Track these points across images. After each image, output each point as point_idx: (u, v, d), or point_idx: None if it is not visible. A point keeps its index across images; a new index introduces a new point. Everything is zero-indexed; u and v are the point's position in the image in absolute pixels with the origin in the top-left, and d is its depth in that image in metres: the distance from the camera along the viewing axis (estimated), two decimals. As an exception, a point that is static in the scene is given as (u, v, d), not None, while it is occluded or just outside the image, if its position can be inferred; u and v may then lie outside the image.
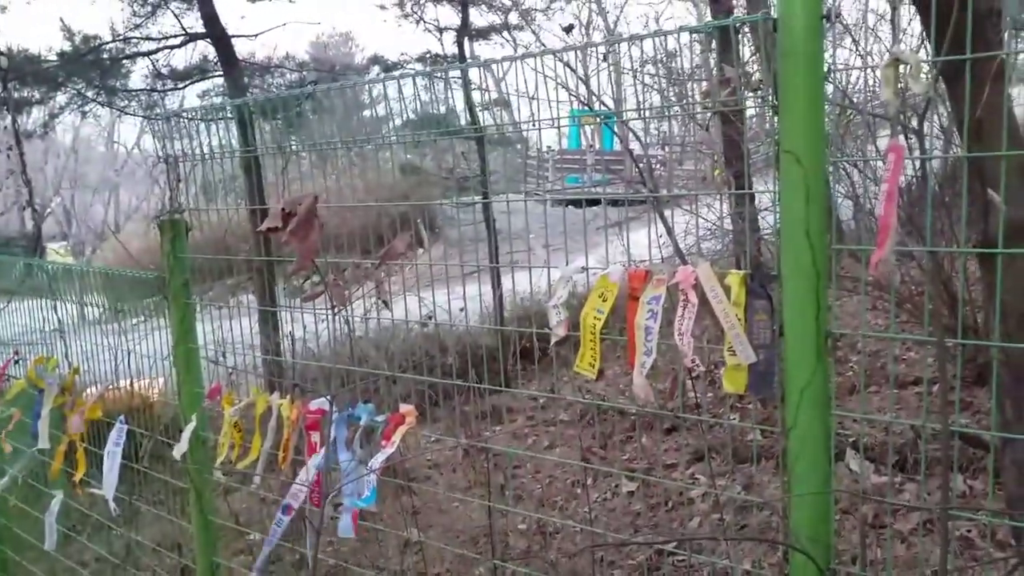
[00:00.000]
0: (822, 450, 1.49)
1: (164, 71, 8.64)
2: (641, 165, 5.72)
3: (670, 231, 5.18)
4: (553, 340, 1.70)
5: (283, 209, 1.71)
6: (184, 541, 3.76)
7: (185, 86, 8.50)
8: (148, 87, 8.33)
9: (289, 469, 2.38)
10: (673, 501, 3.53)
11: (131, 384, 3.19)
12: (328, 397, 2.25)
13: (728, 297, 1.51)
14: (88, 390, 3.37)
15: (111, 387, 3.32)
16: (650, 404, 1.62)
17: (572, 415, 6.27)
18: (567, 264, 1.77)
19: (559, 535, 3.54)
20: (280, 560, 3.64)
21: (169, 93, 8.90)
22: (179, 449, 2.55)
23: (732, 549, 2.85)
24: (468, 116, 9.34)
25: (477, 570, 3.48)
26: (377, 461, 2.05)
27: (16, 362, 3.61)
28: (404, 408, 2.10)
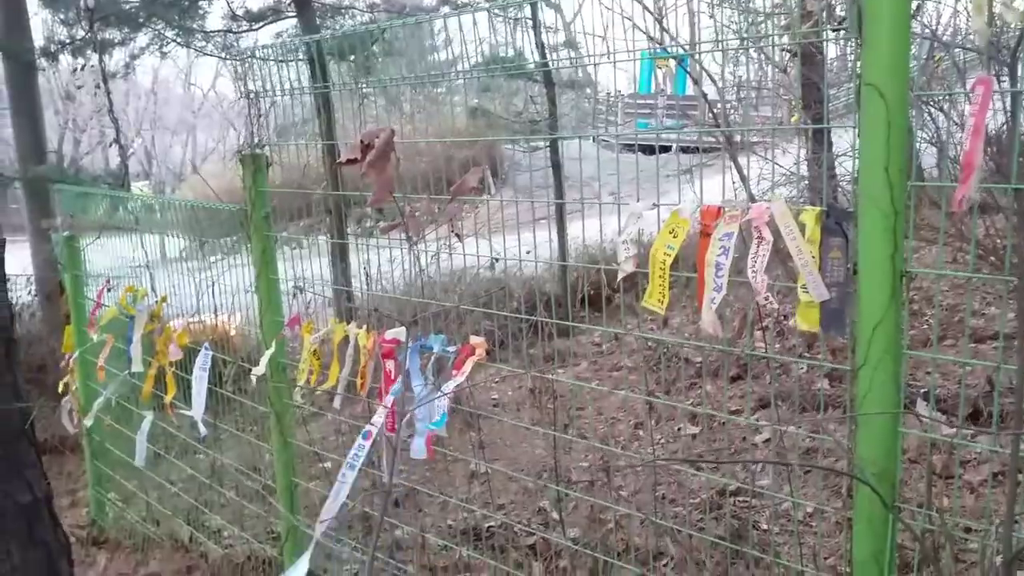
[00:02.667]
0: (892, 388, 1.49)
1: (239, 12, 8.78)
2: (716, 109, 5.58)
3: (744, 177, 5.09)
4: (620, 275, 1.72)
5: (361, 141, 1.76)
6: (262, 464, 3.98)
7: (260, 27, 8.62)
8: (224, 28, 8.49)
9: (365, 395, 2.49)
10: (736, 446, 3.55)
11: (215, 316, 3.36)
12: (403, 327, 2.34)
13: (803, 235, 1.51)
14: (172, 322, 3.55)
15: (194, 319, 3.50)
16: (718, 340, 1.64)
17: (635, 362, 6.30)
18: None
19: (621, 473, 3.61)
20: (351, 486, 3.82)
21: (244, 34, 9.05)
22: (257, 371, 2.68)
23: (796, 491, 2.87)
24: (538, 58, 9.24)
25: (541, 502, 3.58)
26: (448, 388, 2.13)
27: (108, 290, 3.82)
28: (475, 340, 2.17)
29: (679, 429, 4.00)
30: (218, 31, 8.58)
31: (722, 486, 2.99)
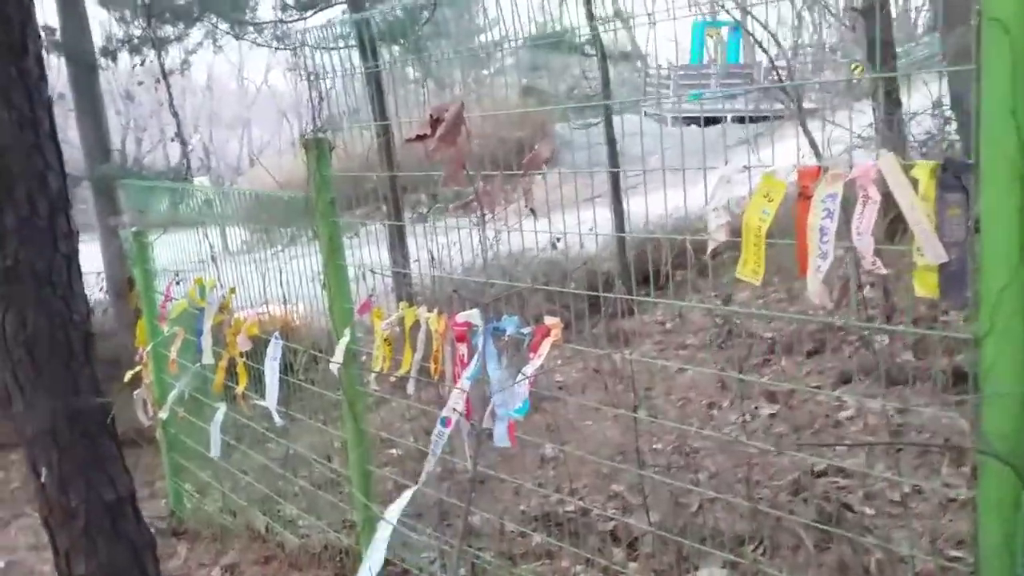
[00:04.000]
0: (1021, 357, 1.36)
1: (290, 1, 8.82)
2: (781, 72, 5.36)
3: (813, 142, 4.87)
4: (711, 247, 1.61)
5: (430, 116, 1.69)
6: (333, 451, 3.99)
7: (310, 15, 8.65)
8: (276, 19, 8.55)
9: (439, 381, 2.44)
10: (820, 424, 3.40)
11: (282, 305, 3.35)
12: (475, 309, 2.27)
13: (915, 192, 1.38)
14: (239, 312, 3.57)
15: (262, 310, 3.51)
16: (826, 310, 1.52)
17: (702, 339, 6.14)
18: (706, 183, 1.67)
19: (699, 454, 3.50)
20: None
21: (294, 23, 9.10)
22: (335, 363, 2.65)
23: (890, 470, 2.72)
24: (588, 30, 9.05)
25: (615, 486, 3.50)
26: (527, 372, 2.05)
27: (177, 283, 3.86)
28: (549, 320, 2.08)
29: (756, 408, 3.86)
30: (269, 21, 8.64)
31: (810, 466, 2.86)
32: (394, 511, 2.24)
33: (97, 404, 1.79)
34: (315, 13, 8.87)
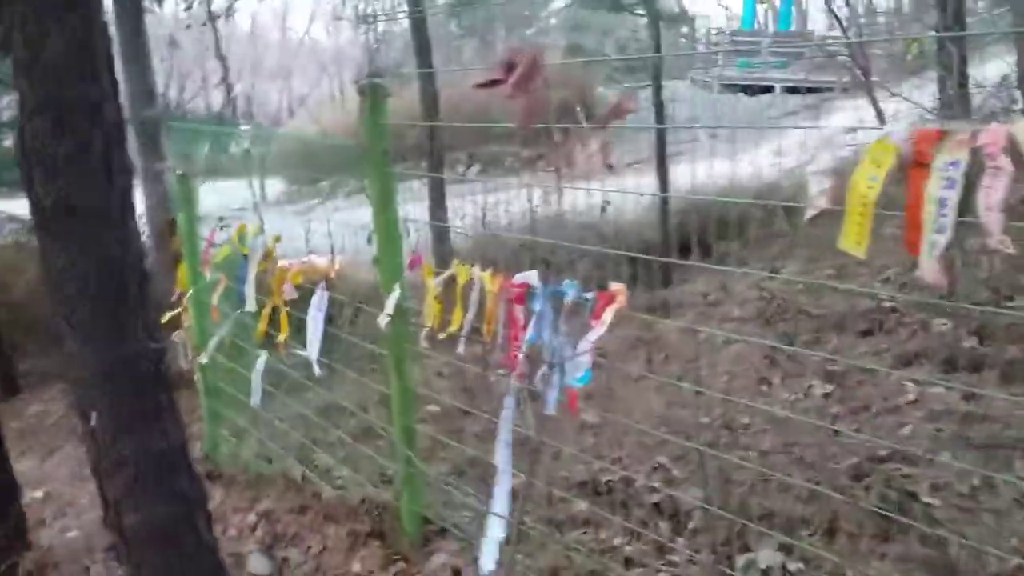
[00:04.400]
0: None
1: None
2: (847, 39, 5.12)
3: (880, 112, 4.66)
4: (809, 214, 1.49)
5: (504, 61, 1.57)
6: (372, 404, 3.95)
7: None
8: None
9: (492, 341, 2.35)
10: (877, 408, 3.27)
11: (330, 255, 3.28)
12: (533, 270, 2.17)
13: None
14: (283, 262, 3.50)
15: (305, 260, 3.44)
16: (941, 290, 1.39)
17: (747, 312, 5.99)
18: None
19: (749, 430, 3.39)
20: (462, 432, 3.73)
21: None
22: (384, 318, 2.57)
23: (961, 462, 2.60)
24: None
25: (659, 457, 3.41)
26: (589, 340, 1.95)
27: (221, 228, 3.80)
28: (615, 286, 1.97)
29: (809, 386, 3.73)
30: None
31: (872, 451, 2.74)
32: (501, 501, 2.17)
33: (151, 349, 1.71)
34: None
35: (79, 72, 1.49)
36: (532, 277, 2.17)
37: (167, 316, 4.93)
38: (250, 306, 3.48)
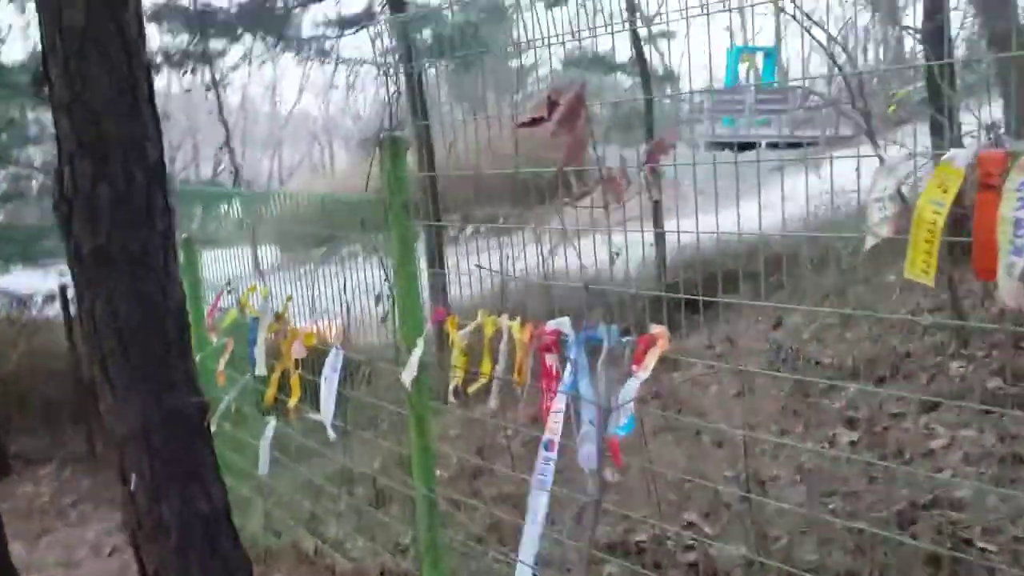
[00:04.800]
0: None
1: (332, 18, 8.83)
2: (851, 82, 5.17)
3: (881, 159, 4.69)
4: (870, 242, 1.43)
5: (548, 98, 1.53)
6: (389, 468, 3.81)
7: (353, 32, 8.66)
8: (319, 35, 8.55)
9: (523, 393, 2.26)
10: (910, 452, 3.18)
11: (342, 314, 3.21)
12: (566, 317, 2.10)
13: None
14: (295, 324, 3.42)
15: (318, 322, 3.37)
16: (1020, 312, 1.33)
17: (757, 364, 5.91)
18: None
19: (778, 482, 3.28)
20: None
21: (334, 40, 9.11)
22: (408, 375, 2.48)
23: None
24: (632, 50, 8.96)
25: (687, 514, 3.28)
26: (632, 387, 1.87)
27: (228, 292, 3.73)
28: (656, 329, 1.91)
29: (833, 435, 3.64)
30: (313, 37, 8.65)
31: (913, 498, 2.64)
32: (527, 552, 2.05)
33: (194, 403, 1.60)
34: (358, 30, 8.88)
35: (121, 110, 1.43)
36: (564, 324, 2.11)
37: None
38: (260, 369, 3.38)
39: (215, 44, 8.22)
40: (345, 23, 9.12)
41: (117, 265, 1.49)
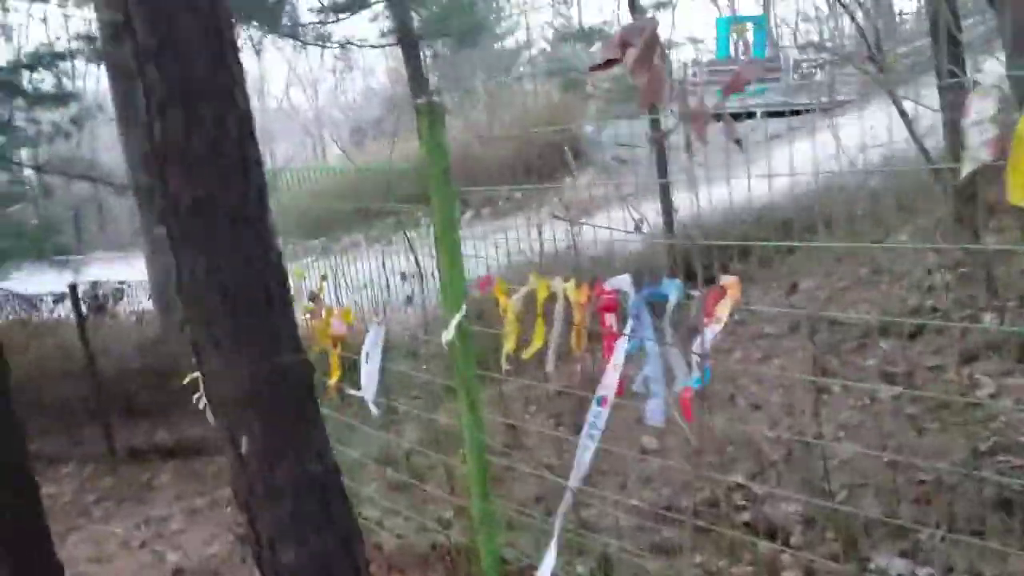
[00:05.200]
0: None
1: (326, 3, 8.72)
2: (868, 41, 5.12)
3: (904, 113, 4.63)
4: (967, 168, 1.38)
5: (621, 39, 1.48)
6: (423, 442, 3.78)
7: (348, 16, 8.56)
8: (317, 20, 8.46)
9: (582, 356, 2.23)
10: (957, 404, 3.15)
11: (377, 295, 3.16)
12: (626, 275, 2.06)
13: None
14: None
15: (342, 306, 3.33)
16: None
17: (779, 328, 5.89)
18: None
19: (824, 439, 3.26)
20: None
21: (331, 25, 9.01)
22: (446, 336, 2.45)
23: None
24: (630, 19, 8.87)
25: (733, 476, 3.26)
26: (707, 340, 1.83)
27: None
28: (726, 280, 1.87)
29: (874, 391, 3.61)
30: (312, 23, 8.56)
31: (973, 447, 2.62)
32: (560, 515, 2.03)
33: (302, 360, 1.55)
34: (354, 13, 8.77)
35: (210, 57, 1.37)
36: (624, 282, 2.07)
37: (188, 378, 4.78)
38: (295, 351, 3.33)
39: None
40: (339, 8, 9.02)
41: (217, 219, 1.44)
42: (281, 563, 1.49)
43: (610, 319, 2.12)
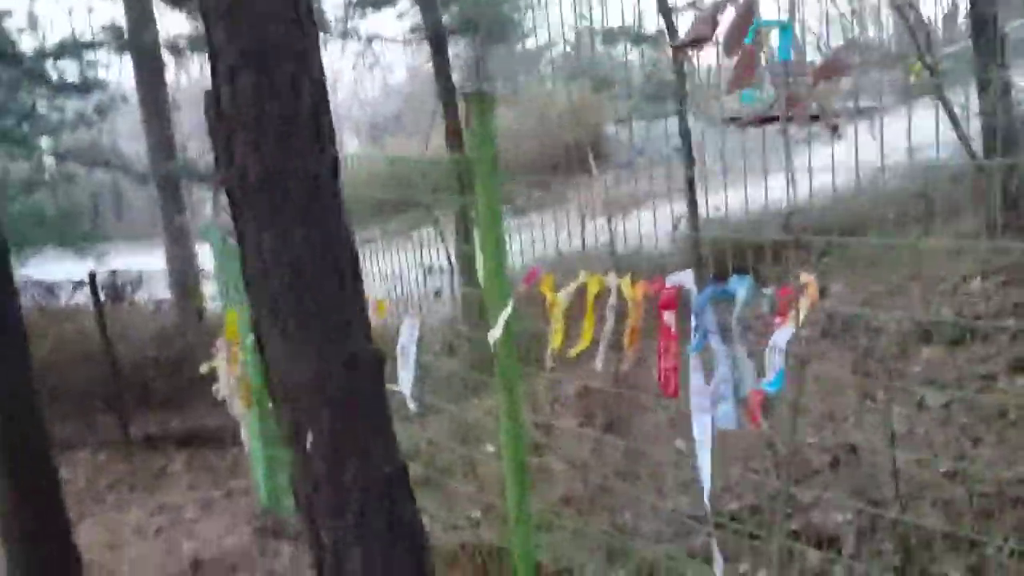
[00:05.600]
0: None
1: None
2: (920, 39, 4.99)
3: (953, 115, 4.52)
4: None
5: (710, 16, 1.39)
6: (462, 439, 3.69)
7: (380, 9, 8.48)
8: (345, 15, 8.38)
9: (633, 356, 2.14)
10: (1015, 415, 3.03)
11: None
12: (688, 270, 1.97)
13: None
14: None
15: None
16: None
17: (810, 332, 5.78)
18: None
19: (870, 447, 3.15)
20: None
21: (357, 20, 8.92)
22: (493, 335, 2.36)
23: None
24: (663, 21, 8.73)
25: (773, 482, 3.15)
26: (783, 340, 1.73)
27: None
28: (805, 277, 1.77)
29: (922, 398, 3.50)
30: (338, 18, 8.48)
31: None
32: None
33: (372, 348, 1.44)
34: (385, 6, 8.70)
35: (285, 16, 1.27)
36: (687, 278, 1.97)
37: (205, 367, 4.73)
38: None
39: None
40: (366, 3, 8.94)
41: (289, 192, 1.33)
42: (345, 569, 1.38)
43: (669, 317, 2.02)
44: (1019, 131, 5.70)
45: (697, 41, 1.39)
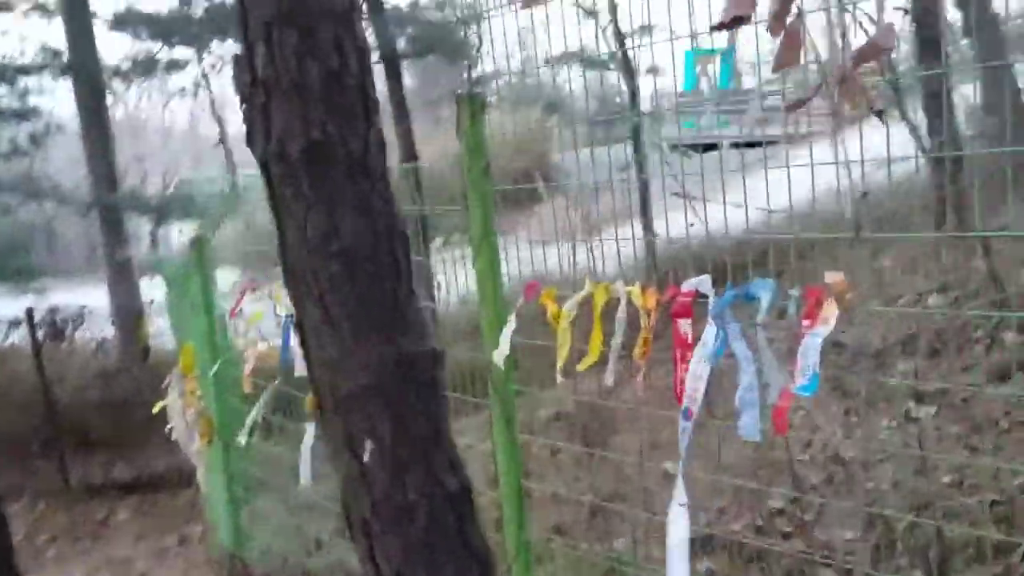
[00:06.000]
0: None
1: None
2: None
3: (914, 127, 4.58)
4: None
5: (749, -5, 1.30)
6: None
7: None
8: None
9: (646, 367, 2.02)
10: (1008, 423, 3.01)
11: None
12: (705, 276, 1.87)
13: None
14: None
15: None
16: None
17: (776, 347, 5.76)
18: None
19: (861, 464, 3.09)
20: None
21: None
22: (500, 353, 2.22)
23: None
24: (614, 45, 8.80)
25: (772, 502, 3.07)
26: (815, 345, 1.64)
27: (253, 290, 3.41)
28: (832, 276, 1.68)
29: (907, 410, 3.46)
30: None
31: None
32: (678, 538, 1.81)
33: (432, 349, 1.25)
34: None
35: None
36: (704, 283, 1.87)
37: (159, 405, 4.45)
38: (300, 370, 3.07)
39: (183, 52, 7.81)
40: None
41: (336, 168, 1.15)
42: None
43: (684, 325, 1.92)
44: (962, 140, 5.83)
45: (738, 20, 1.31)
